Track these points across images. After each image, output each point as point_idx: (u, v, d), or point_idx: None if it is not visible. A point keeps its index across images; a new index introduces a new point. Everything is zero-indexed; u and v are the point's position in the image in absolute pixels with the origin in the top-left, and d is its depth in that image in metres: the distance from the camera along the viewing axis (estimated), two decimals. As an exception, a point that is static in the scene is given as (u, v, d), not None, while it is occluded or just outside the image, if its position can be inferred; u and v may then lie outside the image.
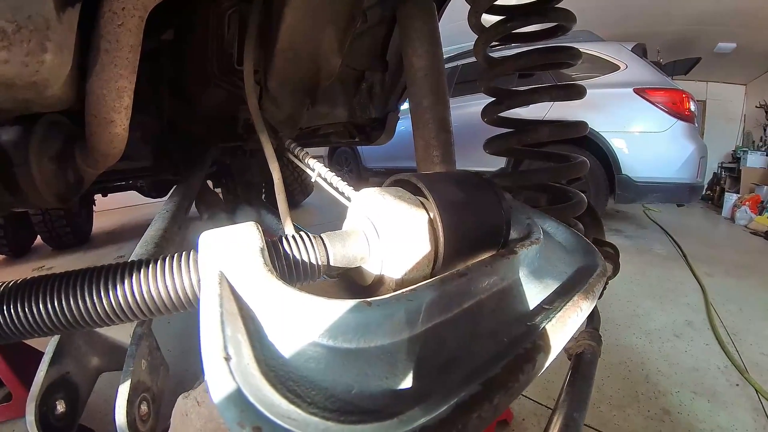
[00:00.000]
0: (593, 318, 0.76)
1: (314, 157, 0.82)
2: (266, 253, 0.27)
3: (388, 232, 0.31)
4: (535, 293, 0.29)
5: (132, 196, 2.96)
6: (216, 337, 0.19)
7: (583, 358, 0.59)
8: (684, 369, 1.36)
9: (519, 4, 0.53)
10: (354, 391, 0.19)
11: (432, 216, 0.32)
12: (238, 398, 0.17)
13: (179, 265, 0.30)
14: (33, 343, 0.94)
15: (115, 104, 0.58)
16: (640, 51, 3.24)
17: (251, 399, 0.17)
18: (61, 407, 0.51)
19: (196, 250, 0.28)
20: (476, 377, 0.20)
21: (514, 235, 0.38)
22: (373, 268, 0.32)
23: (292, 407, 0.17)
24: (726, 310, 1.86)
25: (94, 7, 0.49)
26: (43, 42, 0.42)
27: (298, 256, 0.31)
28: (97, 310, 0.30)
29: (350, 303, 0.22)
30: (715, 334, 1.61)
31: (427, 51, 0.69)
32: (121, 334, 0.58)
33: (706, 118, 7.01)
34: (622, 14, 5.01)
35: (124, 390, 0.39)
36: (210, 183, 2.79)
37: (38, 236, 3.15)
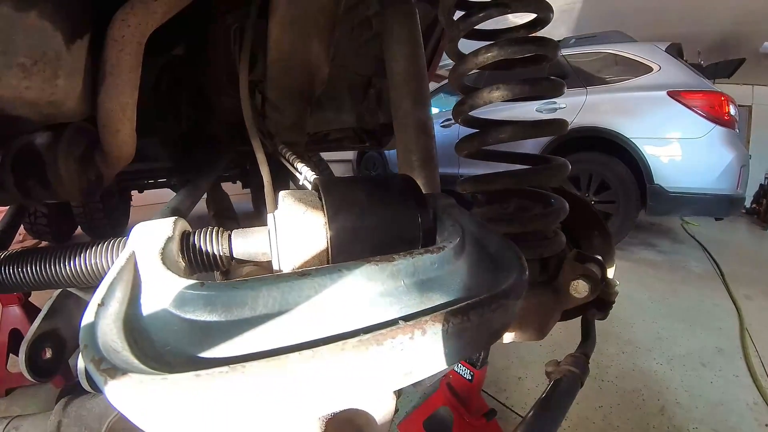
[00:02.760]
0: (587, 341, 0.70)
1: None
2: (173, 242, 0.34)
3: (280, 230, 0.34)
4: (400, 307, 0.28)
5: (167, 194, 3.15)
6: (103, 290, 0.27)
7: (558, 386, 0.55)
8: (707, 402, 1.24)
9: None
10: (168, 347, 0.25)
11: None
12: (90, 328, 0.24)
13: (117, 246, 0.42)
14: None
15: (119, 116, 0.65)
16: (675, 51, 3.00)
17: (98, 332, 0.23)
18: (48, 354, 0.65)
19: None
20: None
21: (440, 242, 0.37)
22: (275, 263, 0.36)
23: (123, 345, 0.23)
24: (764, 338, 1.69)
25: (103, 35, 0.56)
26: (56, 71, 0.51)
27: (203, 248, 0.36)
28: (62, 274, 0.43)
29: (190, 282, 0.28)
30: (747, 365, 1.46)
31: (405, 55, 0.69)
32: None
33: (752, 124, 6.40)
34: (659, 15, 4.69)
35: None
36: (240, 183, 2.98)
37: (79, 226, 3.43)
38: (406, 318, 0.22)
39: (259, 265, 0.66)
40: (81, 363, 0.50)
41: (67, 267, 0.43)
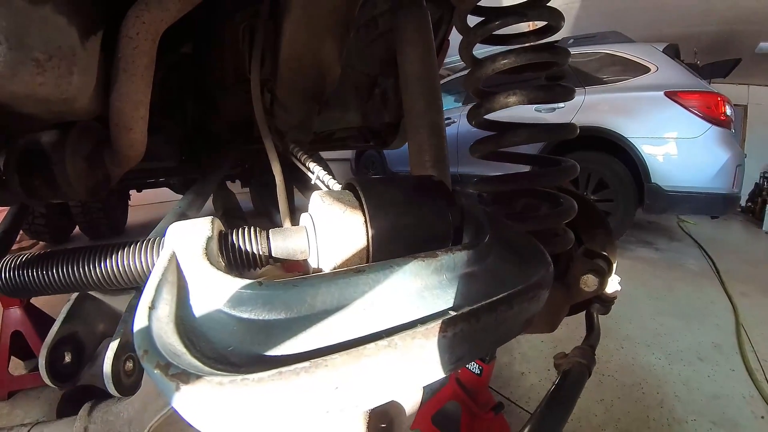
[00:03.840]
0: (591, 333, 0.72)
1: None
2: (213, 241, 0.34)
3: (321, 229, 0.35)
4: (446, 300, 0.29)
5: (165, 193, 3.13)
6: (150, 292, 0.26)
7: (568, 377, 0.57)
8: (704, 396, 1.27)
9: (503, 6, 0.52)
10: (231, 348, 0.25)
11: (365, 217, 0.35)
12: (146, 333, 0.23)
13: (151, 247, 0.40)
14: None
15: (132, 114, 0.65)
16: (672, 52, 3.04)
17: (154, 336, 0.23)
18: (68, 358, 0.63)
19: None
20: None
21: (468, 239, 0.39)
22: (313, 261, 0.37)
23: (182, 348, 0.23)
24: (759, 333, 1.73)
25: (116, 32, 0.55)
26: (70, 67, 0.50)
27: (243, 247, 0.36)
28: (92, 277, 0.41)
29: (247, 282, 0.28)
30: (743, 360, 1.50)
31: (418, 57, 0.70)
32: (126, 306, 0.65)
33: (747, 123, 6.47)
34: (656, 15, 4.73)
35: (113, 346, 0.48)
36: (239, 183, 2.95)
37: (77, 226, 3.40)
38: (456, 308, 0.23)
39: (272, 264, 0.67)
40: (107, 367, 0.48)
41: (98, 269, 0.41)
